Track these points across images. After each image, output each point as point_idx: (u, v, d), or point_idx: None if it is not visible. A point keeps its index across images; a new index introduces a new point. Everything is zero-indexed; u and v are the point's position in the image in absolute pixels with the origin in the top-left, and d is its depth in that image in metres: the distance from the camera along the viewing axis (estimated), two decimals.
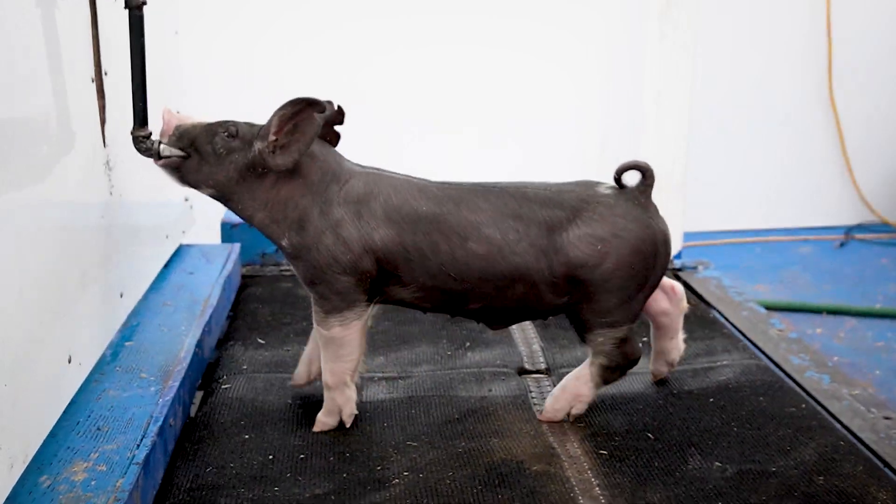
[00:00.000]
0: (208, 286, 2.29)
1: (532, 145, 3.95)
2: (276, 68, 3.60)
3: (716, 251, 3.95)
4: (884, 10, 4.19)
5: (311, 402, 1.84)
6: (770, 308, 3.19)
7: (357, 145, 3.69)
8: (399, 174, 1.72)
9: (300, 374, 1.88)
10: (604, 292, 1.67)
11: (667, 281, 1.87)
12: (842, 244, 4.08)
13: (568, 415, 1.78)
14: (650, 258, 1.68)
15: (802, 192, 4.27)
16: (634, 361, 1.75)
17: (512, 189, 1.69)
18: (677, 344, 1.92)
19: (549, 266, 1.66)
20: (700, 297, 2.62)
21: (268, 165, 1.63)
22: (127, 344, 1.90)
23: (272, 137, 1.62)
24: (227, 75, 3.53)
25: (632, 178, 1.72)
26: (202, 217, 2.72)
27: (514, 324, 1.80)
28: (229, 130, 1.64)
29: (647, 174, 1.70)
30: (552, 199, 1.68)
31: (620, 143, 3.78)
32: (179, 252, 2.55)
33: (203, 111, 2.01)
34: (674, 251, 2.99)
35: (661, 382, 1.95)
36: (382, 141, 3.78)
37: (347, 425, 1.74)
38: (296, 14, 3.68)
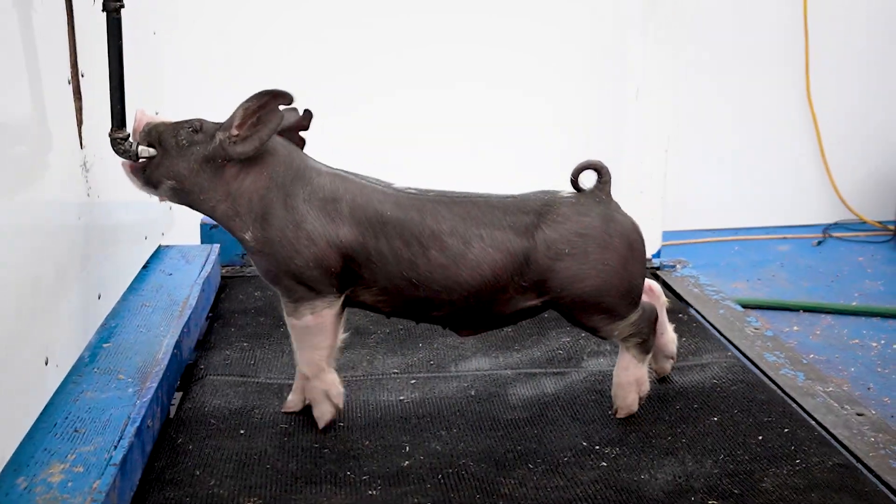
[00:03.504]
0: (187, 287, 2.29)
1: (514, 145, 3.96)
2: (261, 70, 3.60)
3: (695, 250, 3.98)
4: (860, 11, 4.22)
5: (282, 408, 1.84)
6: (747, 306, 3.23)
7: (349, 146, 3.72)
8: (364, 177, 1.72)
9: (294, 401, 1.84)
10: (590, 295, 1.69)
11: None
12: (819, 242, 4.12)
13: (640, 399, 1.81)
14: (624, 250, 1.70)
15: (781, 191, 4.30)
16: (656, 319, 1.79)
17: (475, 198, 1.71)
18: (671, 337, 1.94)
19: (520, 272, 1.67)
20: (677, 295, 2.65)
21: (228, 154, 1.63)
22: (105, 345, 1.90)
23: (234, 131, 1.63)
24: (210, 77, 3.53)
25: (589, 180, 1.74)
26: (182, 218, 2.71)
27: (483, 331, 1.78)
28: (194, 126, 1.66)
29: (602, 172, 1.73)
30: (516, 205, 1.70)
31: (603, 142, 3.80)
32: (159, 253, 2.54)
33: (184, 112, 2.01)
34: (653, 250, 3.02)
35: (661, 379, 1.97)
36: (369, 143, 3.79)
37: (340, 406, 1.75)
38: (280, 15, 3.67)
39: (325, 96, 3.72)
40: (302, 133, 1.76)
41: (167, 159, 1.66)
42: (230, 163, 1.64)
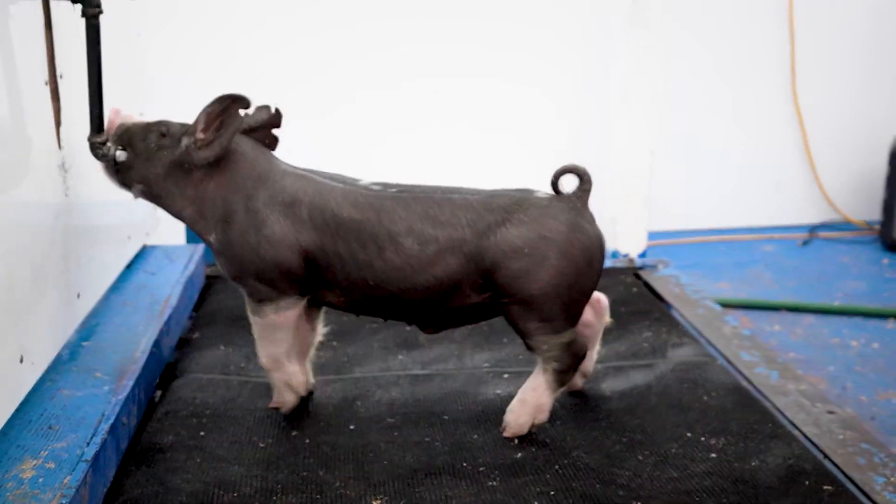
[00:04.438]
0: (169, 286, 2.31)
1: (500, 144, 3.99)
2: (247, 70, 3.63)
3: (681, 250, 3.99)
4: (846, 9, 4.24)
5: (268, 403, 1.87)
6: (730, 306, 3.25)
7: (331, 145, 3.73)
8: (330, 176, 1.72)
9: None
10: (536, 298, 1.65)
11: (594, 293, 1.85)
12: (805, 242, 4.13)
13: (532, 426, 1.75)
14: (582, 263, 1.66)
15: (767, 190, 4.32)
16: (582, 357, 1.75)
17: (439, 196, 1.68)
18: (592, 356, 1.91)
19: (476, 268, 1.65)
20: (657, 295, 2.66)
21: (192, 160, 1.66)
22: (84, 344, 1.92)
23: (200, 135, 1.66)
24: (196, 77, 3.55)
25: (571, 184, 1.70)
26: (167, 218, 2.73)
27: (448, 328, 1.78)
28: (161, 129, 1.69)
29: (584, 179, 1.69)
30: (481, 203, 1.67)
31: (589, 142, 3.82)
32: (143, 253, 2.56)
33: (169, 113, 2.03)
34: (639, 250, 3.05)
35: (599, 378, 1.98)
36: (354, 144, 3.81)
37: (303, 394, 1.80)
38: (263, 17, 3.69)
39: (312, 96, 3.76)
40: (275, 131, 1.77)
41: (137, 163, 1.69)
42: (197, 167, 1.67)
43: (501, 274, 1.65)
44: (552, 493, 1.56)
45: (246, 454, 1.67)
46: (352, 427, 1.78)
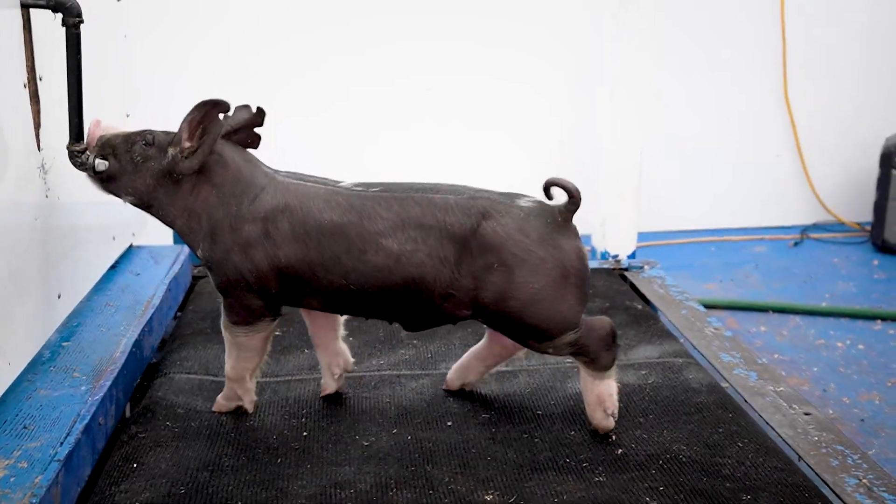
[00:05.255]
0: (153, 287, 2.32)
1: (493, 143, 4.00)
2: (238, 69, 3.64)
3: (671, 251, 4.00)
4: (838, 10, 4.24)
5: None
6: (716, 307, 3.25)
7: (328, 145, 3.73)
8: (313, 180, 1.72)
9: (327, 383, 1.90)
10: (513, 313, 1.65)
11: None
12: (796, 244, 4.13)
13: (612, 416, 1.75)
14: (556, 276, 1.64)
15: (758, 191, 4.32)
16: (612, 331, 1.72)
17: (419, 196, 1.67)
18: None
19: (451, 277, 1.65)
20: (642, 295, 2.67)
21: (179, 170, 1.67)
22: (65, 344, 1.93)
23: (185, 144, 1.67)
24: (183, 79, 3.56)
25: (562, 196, 1.68)
26: (154, 219, 2.74)
27: (430, 328, 1.77)
28: (146, 139, 1.69)
29: (572, 196, 1.66)
30: (459, 205, 1.66)
31: (579, 143, 3.83)
32: (129, 253, 2.57)
33: (155, 115, 2.04)
34: (628, 251, 3.04)
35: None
36: (347, 141, 3.83)
37: (250, 412, 1.81)
38: (256, 15, 3.70)
39: (305, 93, 3.77)
40: (258, 130, 1.77)
41: (124, 175, 1.70)
42: (185, 177, 1.68)
43: (476, 287, 1.65)
44: (661, 488, 1.58)
45: (353, 453, 1.69)
46: (449, 423, 1.80)
